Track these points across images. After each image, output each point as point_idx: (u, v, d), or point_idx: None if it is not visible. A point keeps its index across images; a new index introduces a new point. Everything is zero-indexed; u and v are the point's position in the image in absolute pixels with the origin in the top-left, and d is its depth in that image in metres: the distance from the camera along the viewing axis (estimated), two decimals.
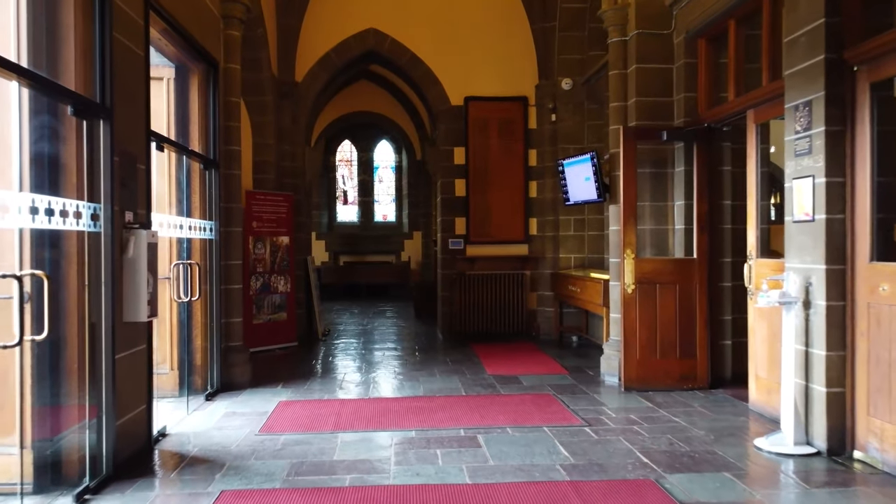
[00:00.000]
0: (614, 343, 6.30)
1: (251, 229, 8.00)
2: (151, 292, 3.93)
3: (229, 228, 6.08)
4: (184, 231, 5.23)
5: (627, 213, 5.85)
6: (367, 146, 17.43)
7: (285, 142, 8.87)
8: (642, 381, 5.82)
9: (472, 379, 6.38)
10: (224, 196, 6.02)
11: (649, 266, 5.87)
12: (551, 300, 9.08)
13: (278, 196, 8.37)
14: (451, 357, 7.65)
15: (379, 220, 17.51)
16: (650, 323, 5.84)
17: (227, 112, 6.04)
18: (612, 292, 6.35)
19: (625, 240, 5.84)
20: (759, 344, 5.14)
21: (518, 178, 9.23)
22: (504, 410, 5.13)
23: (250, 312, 7.96)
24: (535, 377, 6.44)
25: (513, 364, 7.12)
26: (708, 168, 5.89)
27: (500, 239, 9.24)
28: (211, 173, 5.78)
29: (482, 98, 9.20)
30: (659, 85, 6.11)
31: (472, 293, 9.08)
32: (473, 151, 9.19)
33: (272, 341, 8.17)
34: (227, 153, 6.05)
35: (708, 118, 5.77)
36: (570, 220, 8.96)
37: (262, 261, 8.15)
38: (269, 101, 8.35)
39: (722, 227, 6.04)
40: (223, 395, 5.70)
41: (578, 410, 5.14)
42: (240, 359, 6.07)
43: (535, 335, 9.17)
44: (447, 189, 9.25)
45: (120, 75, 3.79)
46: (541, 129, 9.18)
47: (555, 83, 8.92)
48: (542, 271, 9.19)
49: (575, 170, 6.93)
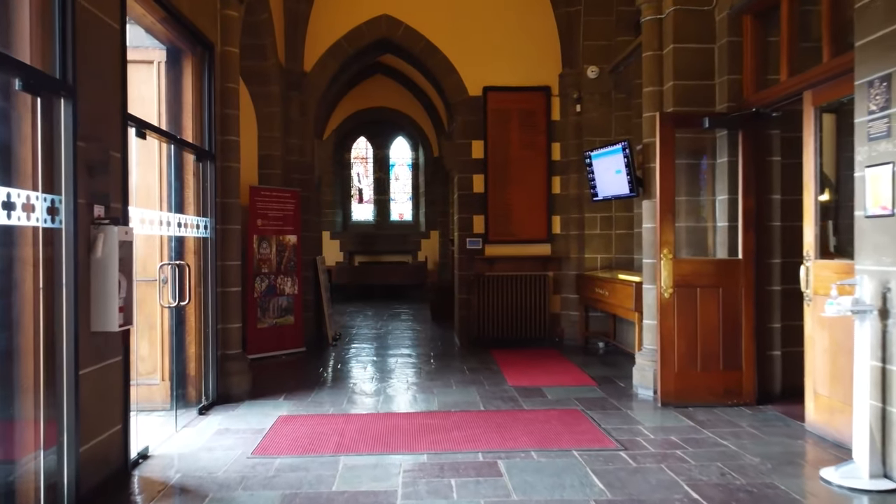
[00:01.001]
0: (648, 353, 5.71)
1: (255, 228, 7.53)
2: (125, 297, 3.43)
3: (227, 226, 5.59)
4: (173, 228, 4.74)
5: (664, 209, 5.26)
6: (383, 143, 16.95)
7: (293, 135, 8.39)
8: (681, 395, 5.22)
9: (491, 391, 5.83)
10: (221, 191, 5.54)
11: (688, 267, 5.27)
12: (576, 303, 8.49)
13: (285, 192, 7.88)
14: (468, 365, 7.10)
15: (395, 219, 17.03)
16: (690, 331, 5.24)
17: (225, 99, 5.55)
18: (646, 296, 5.76)
19: (661, 238, 5.25)
20: (818, 357, 4.53)
21: (540, 173, 8.65)
22: (528, 429, 4.57)
23: (254, 316, 7.48)
24: (560, 389, 5.87)
25: (535, 373, 6.55)
26: (754, 159, 5.28)
27: (521, 238, 8.67)
28: (206, 166, 5.30)
29: (502, 88, 8.63)
30: (699, 67, 5.51)
31: (491, 296, 8.52)
32: (493, 145, 8.64)
33: (278, 347, 7.69)
34: (225, 144, 5.56)
35: (755, 102, 5.16)
36: (596, 218, 8.37)
37: (268, 261, 7.67)
38: (275, 92, 7.87)
39: (770, 225, 5.42)
40: (218, 409, 5.21)
41: (611, 430, 4.57)
42: (238, 368, 5.58)
43: (559, 341, 8.59)
44: (465, 185, 8.70)
45: (87, 49, 3.30)
46: (564, 121, 8.60)
47: (580, 71, 8.33)
48: (565, 272, 8.61)
49: (604, 162, 6.34)
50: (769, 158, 5.39)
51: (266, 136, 7.94)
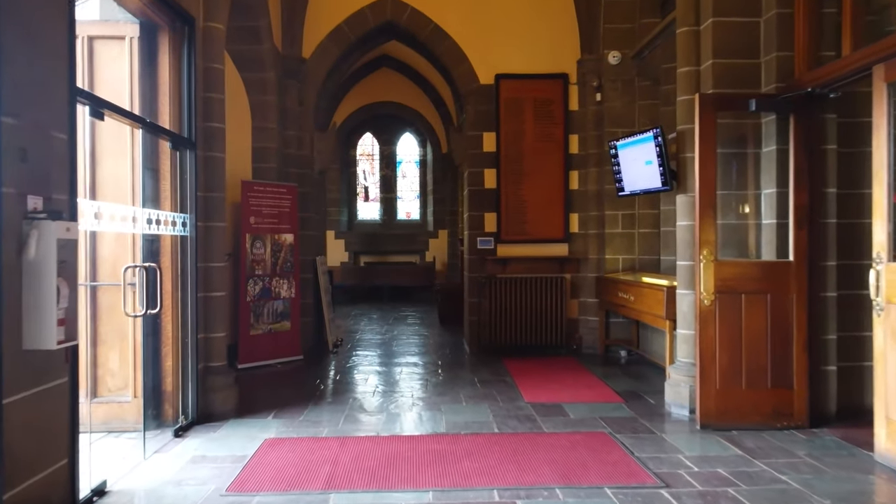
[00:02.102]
0: (683, 366, 5.07)
1: (248, 226, 6.94)
2: (67, 308, 2.83)
3: (210, 223, 4.99)
4: (141, 225, 4.13)
5: (704, 204, 4.61)
6: (390, 139, 16.35)
7: (291, 126, 7.80)
8: (723, 416, 4.58)
9: (505, 408, 5.20)
10: (203, 184, 4.94)
11: (732, 271, 4.62)
12: (595, 308, 7.84)
13: (280, 187, 7.29)
14: (479, 376, 6.48)
15: (402, 217, 16.43)
16: (733, 343, 4.59)
17: (208, 81, 4.96)
18: (681, 303, 5.12)
19: (701, 238, 4.60)
20: (891, 375, 3.87)
21: (557, 167, 8.01)
22: (549, 458, 3.94)
23: (247, 322, 6.89)
24: (583, 406, 5.23)
25: (554, 387, 5.92)
26: (806, 147, 4.62)
27: (536, 237, 8.03)
28: (185, 155, 4.70)
29: (516, 76, 8.00)
30: (742, 43, 4.86)
31: (504, 299, 7.89)
32: (506, 137, 8.00)
33: (273, 355, 7.09)
34: (208, 131, 4.97)
35: (809, 82, 4.50)
36: (618, 216, 7.71)
37: (262, 262, 7.08)
38: (270, 79, 7.28)
39: (824, 223, 4.76)
40: (198, 430, 4.61)
41: (647, 460, 3.93)
42: (222, 382, 4.98)
43: (577, 348, 7.95)
44: (475, 180, 8.07)
45: (19, 5, 2.71)
46: (583, 111, 7.95)
47: (600, 57, 7.68)
48: (584, 275, 7.97)
49: (632, 152, 5.69)
50: (824, 146, 4.73)
51: (261, 126, 7.35)
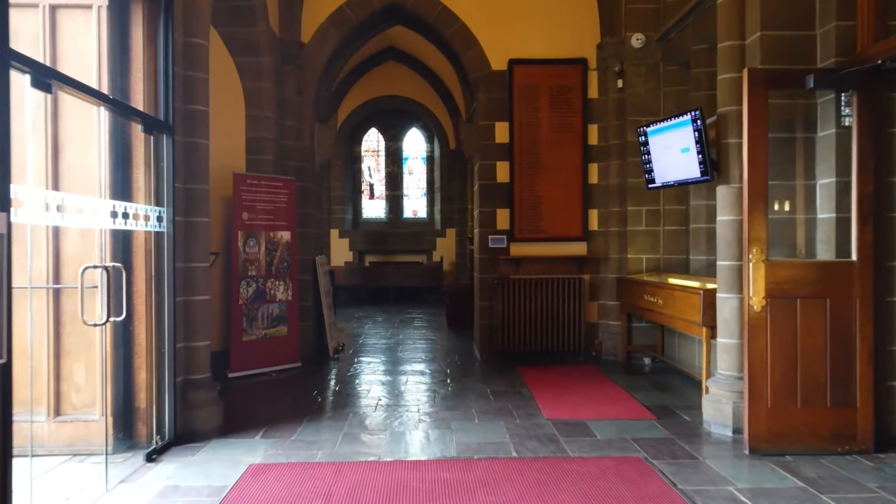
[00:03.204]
0: (725, 380, 4.48)
1: (241, 222, 6.39)
2: None
3: (192, 218, 4.45)
4: (106, 220, 3.58)
5: (755, 196, 4.02)
6: (396, 135, 15.80)
7: (289, 116, 7.25)
8: (776, 439, 3.99)
9: (523, 426, 4.63)
10: (184, 174, 4.40)
11: (786, 272, 4.03)
12: (616, 312, 7.26)
13: (277, 181, 6.73)
14: (492, 387, 5.90)
15: (408, 216, 15.87)
16: (787, 355, 4.00)
17: (190, 58, 4.41)
18: (722, 308, 4.53)
19: (751, 234, 4.01)
20: None
21: (575, 159, 7.43)
22: (579, 492, 3.37)
23: (239, 327, 6.34)
24: (610, 424, 4.65)
25: (575, 400, 5.34)
26: (872, 129, 4.03)
27: (552, 235, 7.45)
28: (161, 141, 4.15)
29: (530, 61, 7.42)
30: (794, 12, 4.27)
31: (517, 302, 7.32)
32: (519, 127, 7.43)
33: (267, 362, 6.54)
34: (188, 115, 4.42)
35: (876, 55, 3.90)
36: (641, 212, 7.12)
37: (256, 262, 6.53)
38: (266, 64, 6.73)
39: (890, 216, 4.16)
40: (174, 453, 4.06)
41: (693, 494, 3.35)
42: (204, 398, 4.43)
43: (596, 355, 7.36)
44: (487, 174, 7.50)
45: None
46: (604, 99, 7.37)
47: (622, 40, 7.09)
48: (604, 276, 7.38)
49: (665, 139, 5.10)
50: (890, 129, 4.14)
51: (256, 115, 6.80)
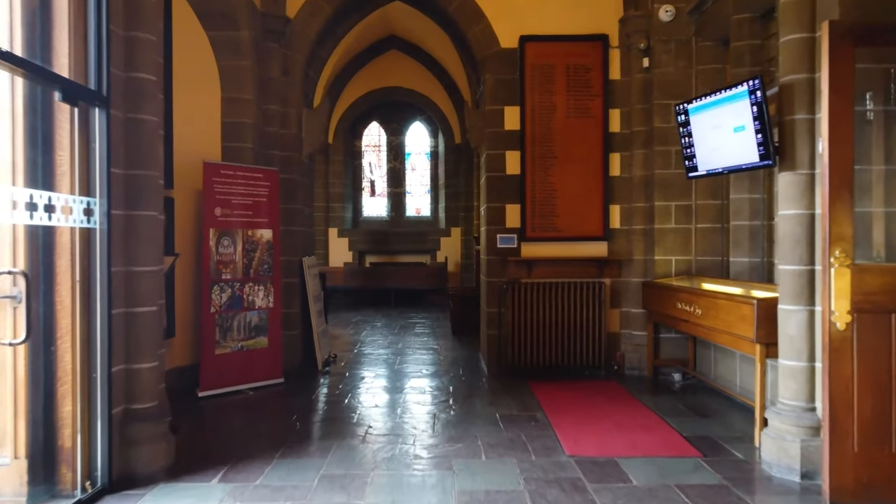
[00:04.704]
0: (791, 412, 3.63)
1: (212, 219, 5.58)
2: None
3: (136, 212, 3.64)
4: (20, 212, 2.77)
5: (838, 184, 3.18)
6: (398, 129, 14.97)
7: (273, 100, 6.44)
8: (865, 491, 3.15)
9: (540, 466, 3.79)
10: (125, 157, 3.59)
11: (879, 280, 3.18)
12: (641, 321, 6.41)
13: (256, 172, 5.92)
14: (502, 410, 5.08)
15: (411, 214, 15.06)
16: (879, 385, 3.16)
17: (133, 14, 3.60)
18: (786, 322, 3.68)
19: (832, 232, 3.17)
20: None
21: (594, 148, 6.59)
22: None
23: (211, 338, 5.54)
24: (647, 464, 3.82)
25: (601, 429, 4.51)
26: None
27: (569, 234, 6.61)
28: (92, 115, 3.34)
29: (544, 38, 6.58)
30: None
31: (529, 309, 6.48)
32: (532, 112, 6.59)
33: (244, 378, 5.73)
34: (132, 85, 3.61)
35: None
36: (671, 208, 6.27)
37: (231, 264, 5.71)
38: (244, 39, 5.93)
39: None
40: (109, 502, 3.25)
41: None
42: (149, 432, 3.61)
43: (617, 369, 6.52)
44: (495, 165, 6.67)
45: None
46: (627, 80, 6.52)
47: (648, 13, 6.25)
48: (627, 280, 6.54)
49: (712, 117, 4.25)
50: None
51: (233, 98, 6.00)
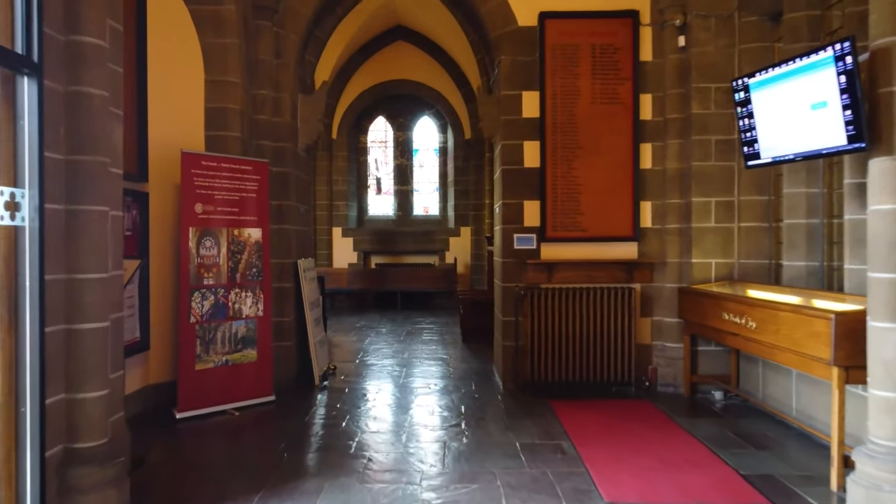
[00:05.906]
0: (887, 456, 2.93)
1: (192, 216, 4.92)
2: None
3: (78, 206, 2.97)
4: None
5: None
6: (406, 124, 14.31)
7: (263, 84, 5.79)
8: None
9: None
10: (67, 141, 2.93)
11: None
12: (677, 332, 5.71)
13: (244, 164, 5.26)
14: (522, 437, 4.39)
15: (419, 213, 14.40)
16: None
17: None
18: (880, 343, 2.98)
19: None
20: None
21: (623, 138, 5.89)
22: None
23: (191, 352, 4.88)
24: None
25: (641, 464, 3.81)
26: None
27: (595, 234, 5.91)
28: (19, 86, 2.68)
29: (567, 14, 5.89)
30: None
31: (550, 318, 5.79)
32: (553, 98, 5.90)
33: (230, 396, 5.08)
34: (73, 50, 2.95)
35: None
36: (710, 204, 5.57)
37: (214, 267, 5.06)
38: (230, 14, 5.27)
39: None
40: None
41: None
42: (96, 476, 2.94)
43: (649, 386, 5.82)
44: (512, 157, 5.97)
45: None
46: (660, 62, 5.82)
47: None
48: (661, 285, 5.84)
49: (783, 91, 3.53)
50: None
51: (217, 80, 5.35)
